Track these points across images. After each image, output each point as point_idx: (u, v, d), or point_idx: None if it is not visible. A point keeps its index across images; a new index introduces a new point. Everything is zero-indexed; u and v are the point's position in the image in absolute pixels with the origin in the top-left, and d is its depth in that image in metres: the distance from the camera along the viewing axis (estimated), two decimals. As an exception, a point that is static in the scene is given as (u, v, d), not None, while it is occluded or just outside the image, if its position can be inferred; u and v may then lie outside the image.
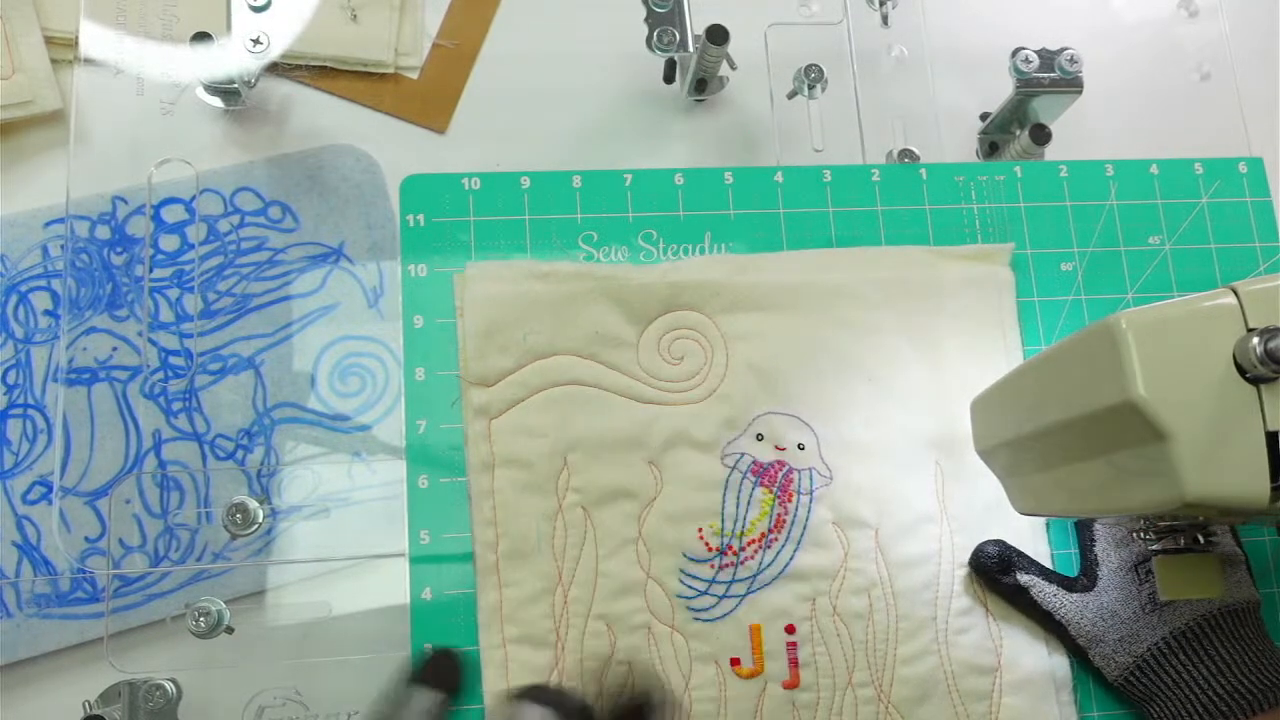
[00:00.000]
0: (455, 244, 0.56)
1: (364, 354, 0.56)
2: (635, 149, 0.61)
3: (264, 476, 0.54)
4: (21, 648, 0.51)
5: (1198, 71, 0.67)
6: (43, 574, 0.52)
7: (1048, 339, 0.58)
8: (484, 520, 0.52)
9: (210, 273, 0.56)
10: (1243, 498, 0.36)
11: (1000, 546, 0.53)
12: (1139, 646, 0.50)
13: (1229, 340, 0.37)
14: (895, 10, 0.64)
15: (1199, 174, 0.61)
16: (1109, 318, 0.38)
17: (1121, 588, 0.51)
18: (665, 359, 0.54)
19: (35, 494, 0.53)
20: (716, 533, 0.53)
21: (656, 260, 0.57)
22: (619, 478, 0.52)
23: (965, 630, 0.53)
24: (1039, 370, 0.46)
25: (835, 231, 0.58)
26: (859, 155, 0.60)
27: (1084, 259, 0.59)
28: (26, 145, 0.58)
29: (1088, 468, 0.42)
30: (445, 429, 0.53)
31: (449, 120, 0.61)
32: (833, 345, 0.55)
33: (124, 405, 0.54)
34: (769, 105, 0.62)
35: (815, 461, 0.54)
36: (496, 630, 0.51)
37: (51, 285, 0.55)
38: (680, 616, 0.52)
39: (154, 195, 0.57)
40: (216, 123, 0.59)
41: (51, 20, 0.58)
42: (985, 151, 0.63)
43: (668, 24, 0.57)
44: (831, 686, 0.51)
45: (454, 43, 0.62)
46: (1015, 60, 0.58)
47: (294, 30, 0.58)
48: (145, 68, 0.59)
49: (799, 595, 0.52)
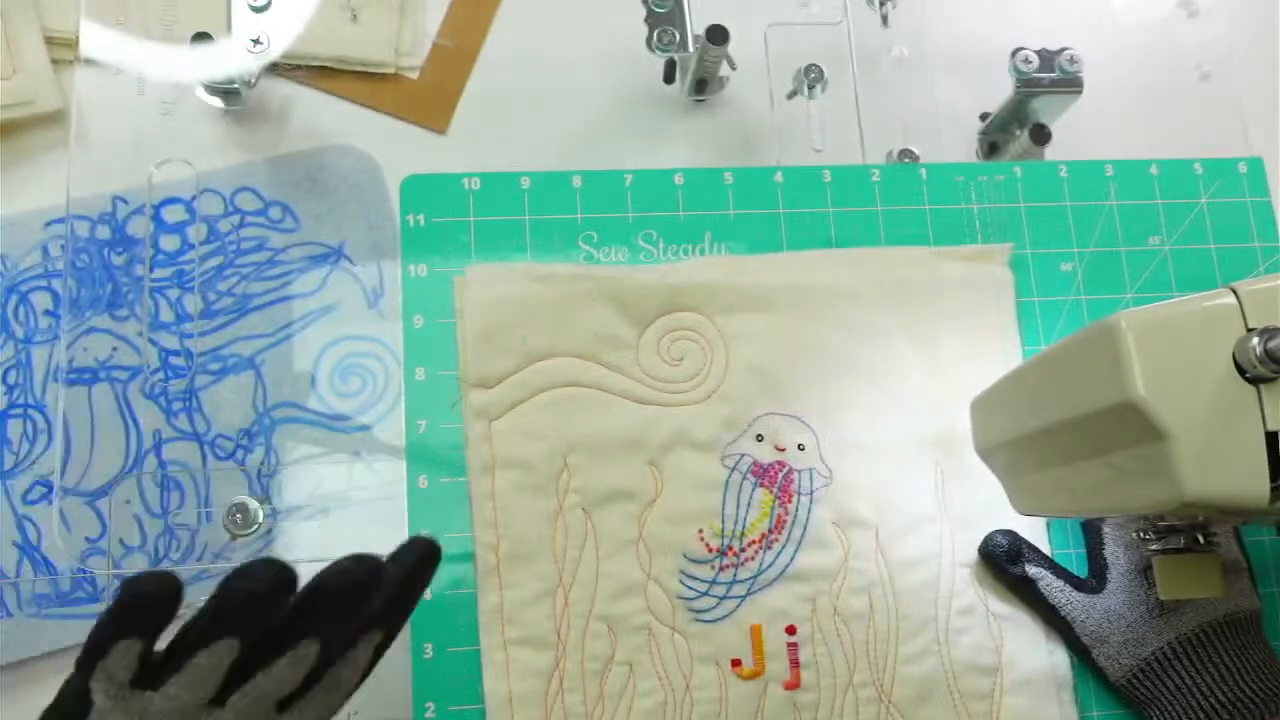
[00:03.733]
0: (455, 244, 0.56)
1: (364, 354, 0.56)
2: (635, 149, 0.61)
3: (264, 476, 0.54)
4: (21, 648, 0.51)
5: (1198, 71, 0.67)
6: (43, 574, 0.52)
7: (1048, 339, 0.58)
8: (484, 522, 0.52)
9: (210, 273, 0.56)
10: (1242, 498, 0.36)
11: (1010, 536, 0.53)
12: (1144, 650, 0.50)
13: (1229, 340, 0.37)
14: (895, 10, 0.64)
15: (1199, 174, 0.61)
16: (1108, 318, 0.38)
17: (1129, 590, 0.51)
18: (665, 360, 0.54)
19: (35, 494, 0.53)
20: (717, 533, 0.53)
21: (656, 260, 0.57)
22: (619, 479, 0.52)
23: (966, 630, 0.53)
24: (1039, 370, 0.46)
25: (835, 232, 0.58)
26: (859, 155, 0.60)
27: (1084, 259, 0.59)
28: (26, 145, 0.58)
29: (1087, 468, 0.42)
30: (445, 429, 0.53)
31: (449, 120, 0.61)
32: (832, 346, 0.55)
33: (124, 405, 0.54)
34: (769, 105, 0.62)
35: (815, 462, 0.54)
36: (497, 632, 0.51)
37: (52, 285, 0.55)
38: (681, 617, 0.52)
39: (154, 195, 0.57)
40: (216, 123, 0.59)
41: (51, 20, 0.58)
42: (985, 151, 0.63)
43: (668, 24, 0.57)
44: (832, 687, 0.51)
45: (454, 43, 0.62)
46: (1015, 60, 0.58)
47: (294, 30, 0.58)
48: (145, 68, 0.59)
49: (799, 596, 0.52)
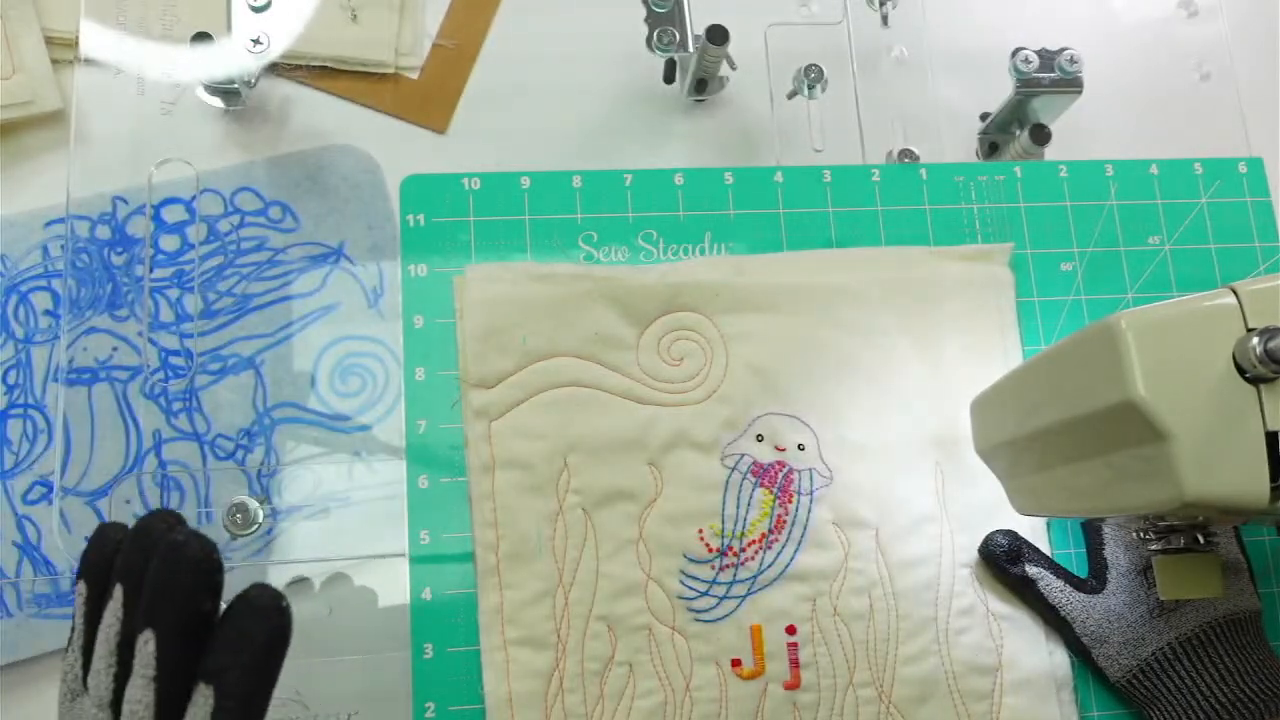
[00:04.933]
0: (455, 244, 0.56)
1: (364, 354, 0.56)
2: (635, 149, 0.61)
3: (264, 476, 0.54)
4: (21, 648, 0.51)
5: (1198, 71, 0.67)
6: (43, 574, 0.52)
7: (1048, 339, 0.58)
8: (484, 522, 0.52)
9: (210, 273, 0.56)
10: (1242, 498, 0.36)
11: (1010, 536, 0.53)
12: (1144, 650, 0.50)
13: (1229, 340, 0.37)
14: (895, 10, 0.64)
15: (1199, 174, 0.61)
16: (1108, 318, 0.38)
17: (1130, 591, 0.51)
18: (665, 360, 0.54)
19: (35, 494, 0.53)
20: (717, 534, 0.53)
21: (656, 260, 0.57)
22: (619, 479, 0.52)
23: (966, 630, 0.53)
24: (1038, 370, 0.46)
25: (835, 231, 0.58)
26: (859, 155, 0.60)
27: (1084, 259, 0.59)
28: (26, 145, 0.58)
29: (1087, 468, 0.42)
30: (445, 429, 0.53)
31: (449, 120, 0.61)
32: (832, 346, 0.55)
33: (124, 405, 0.54)
34: (769, 105, 0.62)
35: (815, 462, 0.54)
36: (497, 632, 0.51)
37: (52, 285, 0.55)
38: (681, 617, 0.52)
39: (154, 195, 0.57)
40: (216, 123, 0.59)
41: (51, 20, 0.58)
42: (985, 151, 0.63)
43: (668, 24, 0.57)
44: (833, 687, 0.51)
45: (454, 43, 0.62)
46: (1015, 60, 0.58)
47: (294, 30, 0.58)
48: (145, 68, 0.59)
49: (799, 596, 0.52)
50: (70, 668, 0.36)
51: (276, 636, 0.35)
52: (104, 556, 0.37)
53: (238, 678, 0.34)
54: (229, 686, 0.33)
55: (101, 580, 0.37)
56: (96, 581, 0.37)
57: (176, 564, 0.34)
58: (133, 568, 0.36)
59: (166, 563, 0.34)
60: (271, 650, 0.34)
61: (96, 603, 0.36)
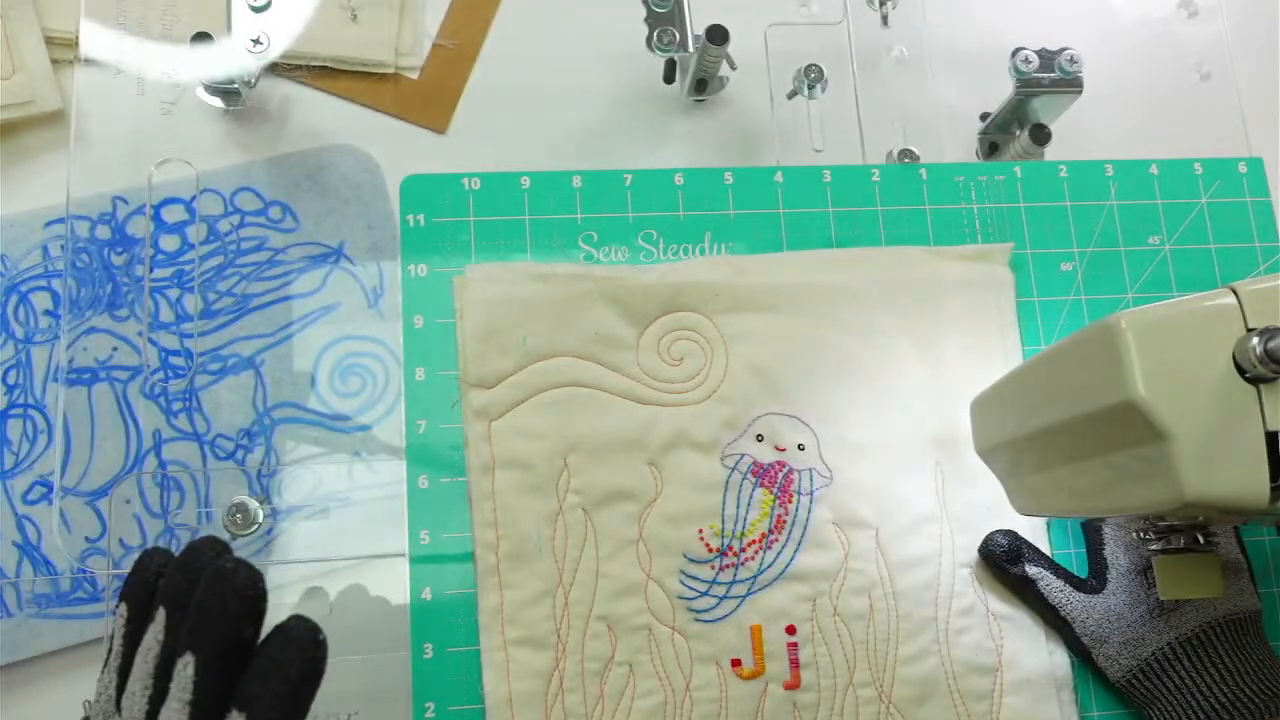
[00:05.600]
0: (455, 244, 0.56)
1: (364, 354, 0.56)
2: (635, 149, 0.61)
3: (264, 476, 0.54)
4: (21, 648, 0.51)
5: (1198, 71, 0.67)
6: (43, 574, 0.52)
7: (1048, 339, 0.58)
8: (484, 522, 0.52)
9: (210, 273, 0.56)
10: (1242, 498, 0.36)
11: (1010, 537, 0.53)
12: (1144, 650, 0.50)
13: (1229, 340, 0.37)
14: (895, 10, 0.64)
15: (1199, 174, 0.61)
16: (1108, 318, 0.38)
17: (1130, 591, 0.51)
18: (665, 360, 0.54)
19: (35, 494, 0.53)
20: (717, 534, 0.53)
21: (656, 260, 0.57)
22: (619, 479, 0.52)
23: (966, 630, 0.53)
24: (1038, 370, 0.46)
25: (835, 231, 0.58)
26: (859, 155, 0.61)
27: (1084, 259, 0.59)
28: (26, 145, 0.58)
29: (1087, 468, 0.42)
30: (445, 429, 0.53)
31: (449, 120, 0.61)
32: (832, 346, 0.55)
33: (124, 405, 0.54)
34: (769, 105, 0.62)
35: (815, 462, 0.54)
36: (497, 632, 0.51)
37: (52, 285, 0.55)
38: (681, 618, 0.52)
39: (154, 195, 0.57)
40: (216, 123, 0.59)
41: (51, 20, 0.58)
42: (985, 151, 0.63)
43: (668, 24, 0.57)
44: (833, 687, 0.51)
45: (454, 43, 0.62)
46: (1015, 60, 0.58)
47: (294, 30, 0.58)
48: (145, 68, 0.59)
49: (800, 596, 0.52)
50: (105, 689, 0.37)
51: (310, 669, 0.35)
52: (146, 580, 0.37)
53: (269, 705, 0.34)
54: (261, 714, 0.34)
55: (143, 603, 0.37)
56: (138, 604, 0.37)
57: (223, 590, 0.34)
58: (177, 592, 0.36)
59: (213, 588, 0.35)
60: (305, 681, 0.35)
61: (137, 624, 0.37)
